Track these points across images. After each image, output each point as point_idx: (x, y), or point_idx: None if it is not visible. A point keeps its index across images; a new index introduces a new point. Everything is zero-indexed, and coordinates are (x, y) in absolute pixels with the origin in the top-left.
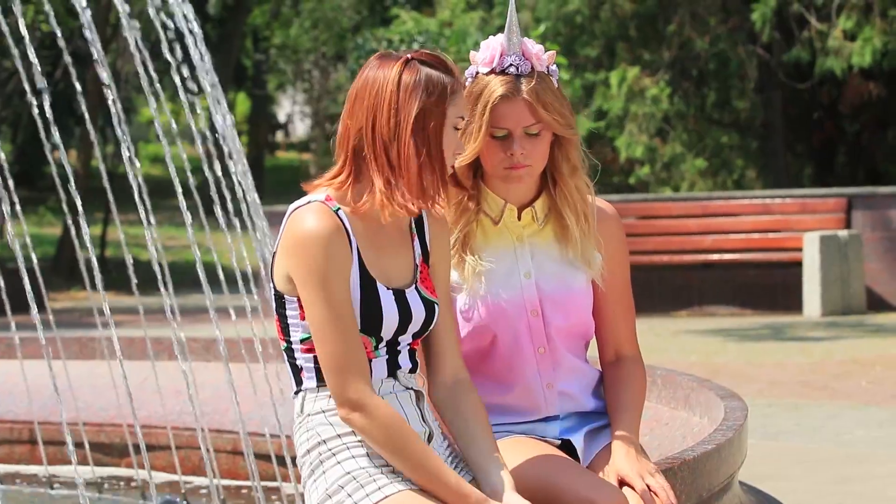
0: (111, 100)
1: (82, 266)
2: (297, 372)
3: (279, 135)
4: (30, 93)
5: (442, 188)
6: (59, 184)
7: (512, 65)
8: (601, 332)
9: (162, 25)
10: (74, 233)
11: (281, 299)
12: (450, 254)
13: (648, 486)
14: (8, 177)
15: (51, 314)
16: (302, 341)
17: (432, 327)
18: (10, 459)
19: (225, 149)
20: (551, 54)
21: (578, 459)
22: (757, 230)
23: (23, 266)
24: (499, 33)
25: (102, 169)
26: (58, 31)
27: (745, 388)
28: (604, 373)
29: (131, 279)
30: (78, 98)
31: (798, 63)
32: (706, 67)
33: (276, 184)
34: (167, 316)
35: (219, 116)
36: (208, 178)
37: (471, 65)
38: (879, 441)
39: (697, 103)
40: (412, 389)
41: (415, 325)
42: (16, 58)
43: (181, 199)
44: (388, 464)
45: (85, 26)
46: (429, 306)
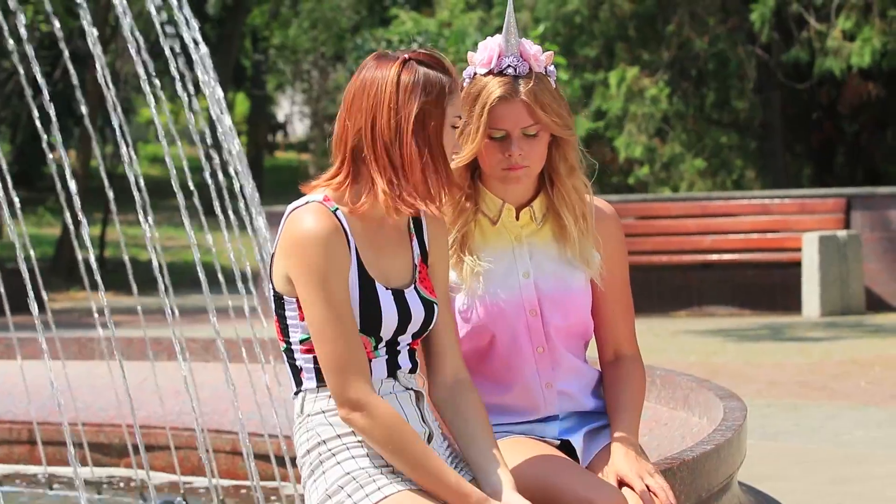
0: (111, 100)
1: (81, 266)
2: (297, 373)
3: (278, 135)
4: (29, 93)
5: (448, 186)
6: (59, 184)
7: (510, 66)
8: (600, 332)
9: (162, 26)
10: (74, 233)
11: (280, 300)
12: (448, 254)
13: (648, 487)
14: (7, 177)
15: (50, 314)
16: (301, 342)
17: (432, 327)
18: (10, 460)
19: (224, 148)
20: (549, 55)
21: (578, 460)
22: (756, 230)
23: (23, 266)
24: (497, 34)
25: (102, 169)
26: (58, 30)
27: (744, 389)
28: (603, 372)
29: (130, 279)
30: (77, 98)
31: (797, 63)
32: (705, 67)
33: (276, 184)
34: (166, 316)
35: (221, 114)
36: (207, 178)
37: (469, 66)
38: (878, 441)
39: (696, 103)
40: (412, 390)
41: (414, 325)
42: (15, 57)
43: (180, 199)
44: (387, 464)
45: (86, 25)
46: (428, 306)
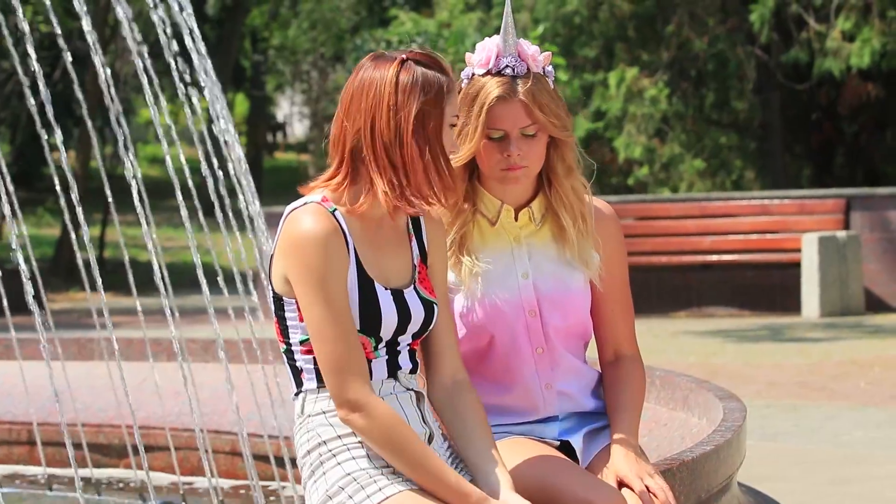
0: (110, 100)
1: (81, 267)
2: (297, 373)
3: (277, 136)
4: (29, 93)
5: (451, 185)
6: (59, 185)
7: (508, 66)
8: (600, 332)
9: (164, 30)
10: (73, 234)
11: (280, 301)
12: (446, 255)
13: (647, 488)
14: (7, 177)
15: (49, 315)
16: (301, 343)
17: (431, 328)
18: (9, 460)
19: (223, 149)
20: (547, 55)
21: (577, 460)
22: (755, 231)
23: (22, 266)
24: (496, 34)
25: (102, 170)
26: (58, 31)
27: (743, 389)
28: (603, 373)
29: (130, 280)
30: (77, 98)
31: (796, 64)
32: (705, 68)
33: (275, 184)
34: (166, 317)
35: (221, 114)
36: (207, 178)
37: (467, 66)
38: (877, 442)
39: (696, 104)
40: (412, 390)
41: (414, 325)
42: (15, 57)
43: (180, 199)
44: (388, 465)
45: (85, 25)
46: (428, 306)
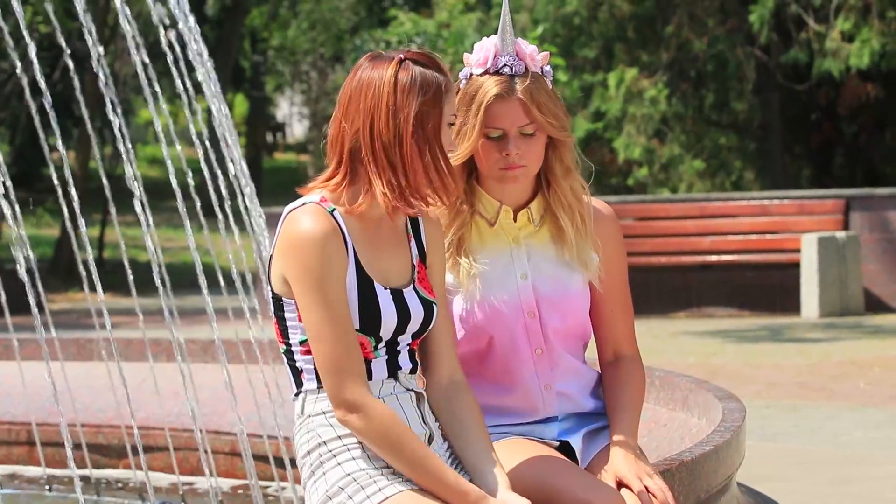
0: (109, 101)
1: (80, 267)
2: (297, 374)
3: (273, 136)
4: (28, 94)
5: (452, 185)
6: (58, 185)
7: (506, 65)
8: (600, 333)
9: (164, 28)
10: (73, 234)
11: (279, 302)
12: (444, 255)
13: (646, 488)
14: (6, 178)
15: (49, 315)
16: (301, 343)
17: (430, 328)
18: (9, 461)
19: (224, 150)
20: (545, 55)
21: (577, 461)
22: (755, 231)
23: (22, 267)
24: (494, 35)
25: (102, 170)
26: (59, 31)
27: (743, 390)
28: (602, 373)
29: (129, 281)
30: (77, 99)
31: (796, 64)
32: (704, 69)
33: (275, 185)
34: (165, 317)
35: (222, 116)
36: (207, 179)
37: (465, 67)
38: (877, 442)
39: (695, 104)
40: (413, 391)
41: (413, 325)
42: (14, 58)
43: (180, 200)
44: (388, 465)
45: (85, 25)
46: (427, 306)
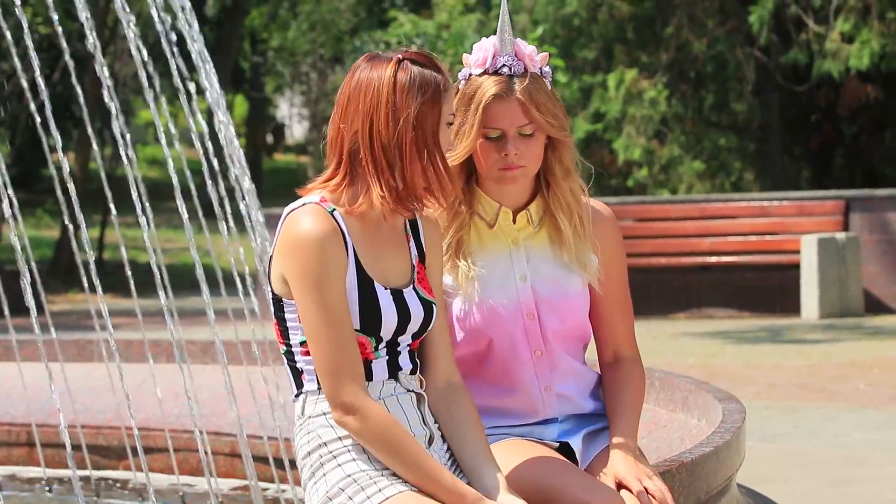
0: (110, 102)
1: (80, 268)
2: (298, 375)
3: (272, 137)
4: (28, 95)
5: (449, 185)
6: (59, 186)
7: (505, 65)
8: (599, 334)
9: (164, 29)
10: (73, 235)
11: (279, 302)
12: (443, 256)
13: (646, 489)
14: (6, 179)
15: (49, 317)
16: (301, 344)
17: (430, 328)
18: (9, 462)
19: (224, 151)
20: (544, 56)
21: (577, 462)
22: (755, 232)
23: (23, 268)
24: (493, 35)
25: (102, 171)
26: (60, 32)
27: (742, 391)
28: (602, 374)
29: (129, 282)
30: (77, 99)
31: (796, 65)
32: (704, 70)
33: (275, 186)
34: (165, 318)
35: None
36: (207, 180)
37: (464, 67)
38: (877, 443)
39: (695, 105)
40: (413, 392)
41: (413, 325)
42: (15, 58)
43: (180, 201)
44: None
45: (86, 25)
46: (427, 306)
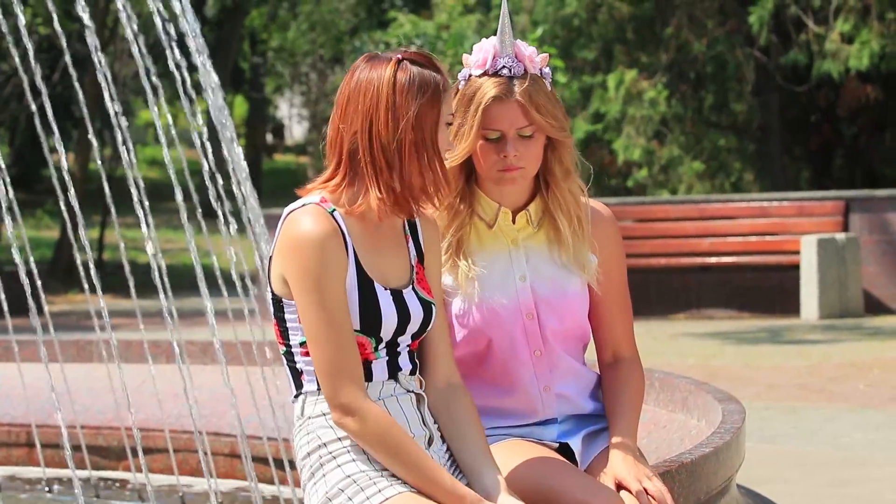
0: (110, 102)
1: (80, 269)
2: (297, 375)
3: (272, 138)
4: (29, 95)
5: (445, 186)
6: (58, 187)
7: (505, 66)
8: (599, 334)
9: (164, 28)
10: (73, 236)
11: (279, 303)
12: (441, 256)
13: (646, 490)
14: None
15: (48, 317)
16: (301, 345)
17: (429, 329)
18: (8, 462)
19: (224, 152)
20: (544, 57)
21: (576, 462)
22: (754, 233)
23: (22, 269)
24: (493, 36)
25: (102, 172)
26: (60, 32)
27: (742, 391)
28: (602, 375)
29: (129, 282)
30: (77, 100)
31: (795, 66)
32: (703, 70)
33: (274, 186)
34: (165, 319)
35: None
36: (206, 181)
37: (464, 68)
38: (877, 444)
39: (695, 106)
40: (413, 392)
41: (413, 326)
42: (15, 59)
43: (180, 201)
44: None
45: (87, 24)
46: (426, 307)
